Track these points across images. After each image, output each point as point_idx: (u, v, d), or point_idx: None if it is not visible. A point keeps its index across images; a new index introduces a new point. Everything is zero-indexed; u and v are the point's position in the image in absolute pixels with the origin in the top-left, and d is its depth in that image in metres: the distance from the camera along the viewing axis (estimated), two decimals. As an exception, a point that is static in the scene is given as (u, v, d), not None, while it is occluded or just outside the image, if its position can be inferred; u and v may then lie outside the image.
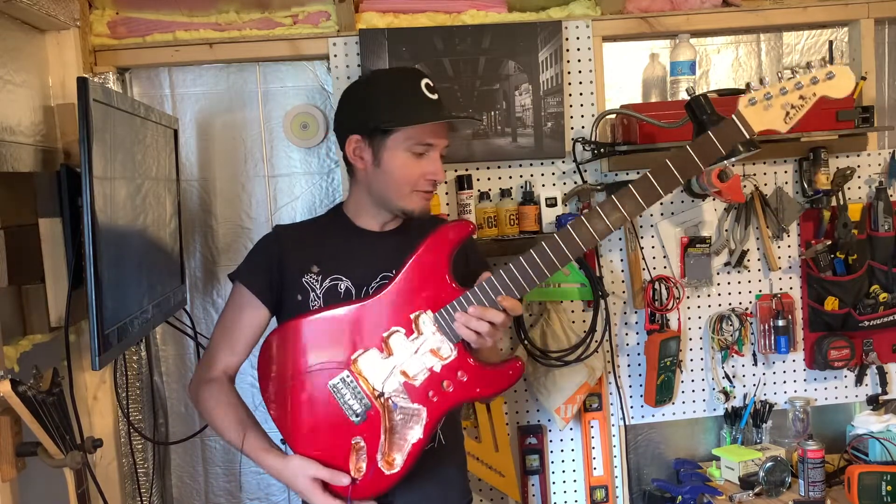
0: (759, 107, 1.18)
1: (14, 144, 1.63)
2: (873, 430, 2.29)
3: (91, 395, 1.98)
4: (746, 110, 1.20)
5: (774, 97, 1.17)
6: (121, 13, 2.20)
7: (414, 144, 1.53)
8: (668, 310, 2.35)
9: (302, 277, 1.59)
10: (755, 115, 1.19)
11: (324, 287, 1.58)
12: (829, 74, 1.15)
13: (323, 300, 1.57)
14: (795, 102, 1.15)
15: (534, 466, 2.36)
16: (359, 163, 1.57)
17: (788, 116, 1.15)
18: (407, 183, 1.55)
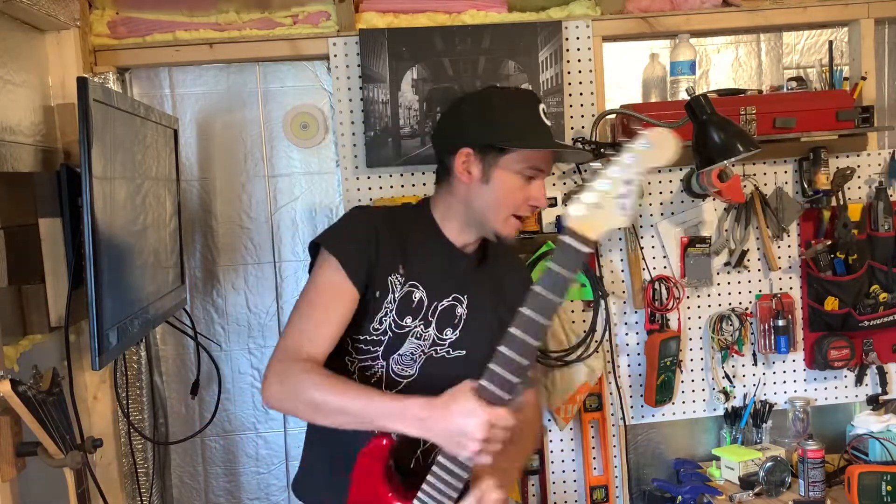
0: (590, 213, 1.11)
1: (14, 144, 1.63)
2: (873, 430, 2.29)
3: (91, 395, 1.98)
4: (576, 223, 1.13)
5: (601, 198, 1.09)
6: (121, 13, 2.20)
7: (527, 168, 1.46)
8: (668, 310, 2.35)
9: (389, 275, 1.48)
10: (587, 223, 1.12)
11: (403, 291, 1.49)
12: (646, 145, 1.05)
13: (397, 305, 1.49)
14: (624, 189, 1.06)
15: (534, 466, 2.35)
16: (465, 176, 1.48)
17: (624, 208, 1.08)
18: (511, 205, 1.48)
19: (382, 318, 1.50)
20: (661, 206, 2.38)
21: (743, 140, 1.91)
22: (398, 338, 1.52)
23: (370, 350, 1.52)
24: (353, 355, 1.53)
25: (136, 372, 2.23)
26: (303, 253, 2.36)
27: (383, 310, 1.50)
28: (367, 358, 1.53)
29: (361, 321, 1.50)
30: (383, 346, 1.52)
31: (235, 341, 2.37)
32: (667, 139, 1.05)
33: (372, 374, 1.53)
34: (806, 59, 2.46)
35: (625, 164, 1.08)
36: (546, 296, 1.20)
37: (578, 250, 1.17)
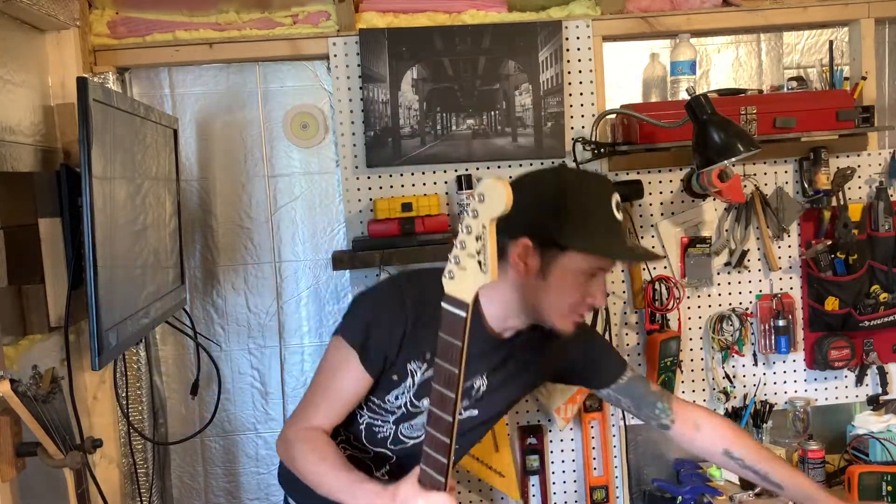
0: (458, 275, 1.12)
1: (14, 144, 1.63)
2: (873, 431, 2.29)
3: (91, 395, 1.98)
4: (450, 287, 1.14)
5: (463, 258, 1.10)
6: (121, 13, 2.20)
7: (590, 267, 1.39)
8: (668, 310, 2.35)
9: (410, 362, 1.46)
10: (458, 285, 1.12)
11: (423, 376, 1.46)
12: (480, 198, 1.06)
13: (416, 389, 1.47)
14: (477, 246, 1.08)
15: (534, 466, 2.35)
16: (520, 267, 1.39)
17: (482, 264, 1.08)
18: (568, 303, 1.41)
19: (399, 396, 1.50)
20: (661, 206, 2.38)
21: (743, 140, 1.91)
22: (412, 414, 1.52)
23: (382, 415, 1.53)
24: (364, 412, 1.54)
25: (136, 372, 2.23)
26: (302, 253, 2.36)
27: (400, 388, 1.49)
28: (378, 419, 1.54)
29: (379, 392, 1.50)
30: (395, 416, 1.53)
31: (235, 341, 2.37)
32: (495, 188, 1.05)
33: (378, 430, 1.55)
34: (806, 59, 2.46)
35: (469, 222, 1.09)
36: (444, 366, 1.17)
37: (458, 315, 1.14)
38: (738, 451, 1.62)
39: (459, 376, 1.16)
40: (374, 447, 1.56)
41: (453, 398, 1.17)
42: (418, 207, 2.19)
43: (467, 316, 1.14)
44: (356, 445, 1.57)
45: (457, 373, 1.16)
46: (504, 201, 1.05)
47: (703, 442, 1.66)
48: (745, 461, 1.61)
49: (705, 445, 1.67)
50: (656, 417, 1.67)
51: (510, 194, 1.05)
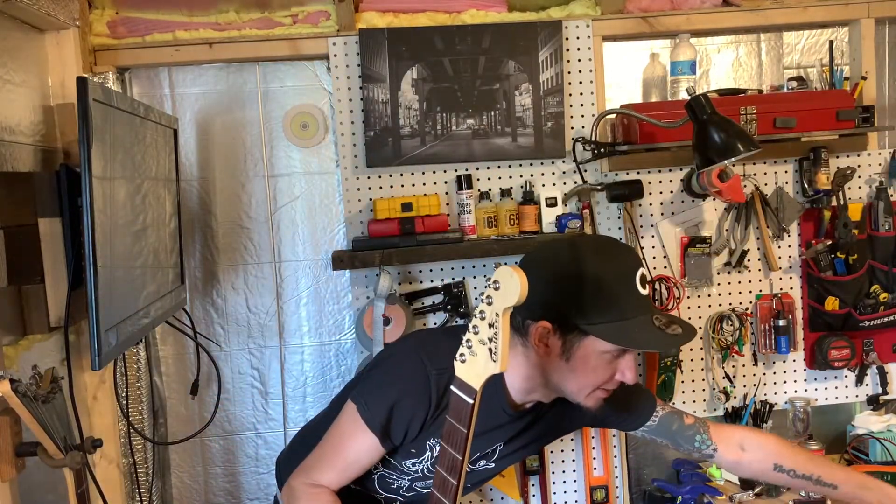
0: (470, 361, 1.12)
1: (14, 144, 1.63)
2: (873, 430, 2.29)
3: (91, 395, 1.98)
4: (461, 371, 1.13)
5: (475, 344, 1.10)
6: (120, 13, 2.20)
7: (615, 349, 1.31)
8: (669, 310, 2.35)
9: (430, 439, 1.44)
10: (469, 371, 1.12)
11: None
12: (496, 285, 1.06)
13: (433, 461, 1.45)
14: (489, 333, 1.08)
15: (534, 466, 2.35)
16: (541, 349, 1.34)
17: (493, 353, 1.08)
18: (594, 383, 1.35)
19: (416, 464, 1.49)
20: (661, 206, 2.38)
21: (743, 140, 1.91)
22: (428, 476, 1.50)
23: (397, 473, 1.53)
24: (379, 466, 1.52)
25: (136, 372, 2.23)
26: (302, 253, 2.36)
27: (418, 459, 1.48)
28: (393, 475, 1.53)
29: (393, 455, 1.48)
30: (410, 477, 1.52)
31: (235, 341, 2.37)
32: (511, 277, 1.05)
33: (392, 482, 1.54)
34: (806, 58, 2.46)
35: (483, 308, 1.09)
36: (448, 450, 1.16)
37: (466, 402, 1.13)
38: (788, 463, 1.60)
39: (462, 462, 1.15)
40: (385, 492, 1.57)
41: (455, 484, 1.15)
42: (418, 207, 2.19)
43: (474, 403, 1.12)
44: (369, 486, 1.57)
45: (460, 459, 1.15)
46: (518, 292, 1.04)
47: (751, 462, 1.64)
48: (797, 471, 1.59)
49: (753, 465, 1.64)
50: (698, 450, 1.63)
51: (525, 285, 1.04)
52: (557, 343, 1.33)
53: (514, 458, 1.59)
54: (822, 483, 1.58)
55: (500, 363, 1.08)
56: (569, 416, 1.56)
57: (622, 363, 1.34)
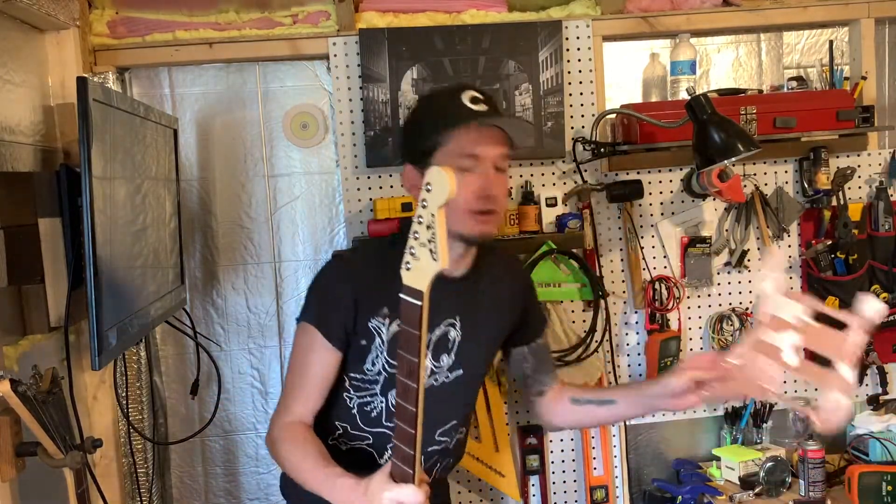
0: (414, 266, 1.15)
1: (14, 144, 1.63)
2: (873, 430, 2.29)
3: (91, 395, 1.98)
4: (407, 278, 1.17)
5: (417, 249, 1.14)
6: (120, 13, 2.20)
7: (458, 158, 1.38)
8: (668, 310, 2.35)
9: (369, 321, 1.48)
10: (414, 275, 1.16)
11: (390, 331, 1.48)
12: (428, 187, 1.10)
13: (387, 346, 1.49)
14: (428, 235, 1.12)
15: (534, 466, 2.35)
16: (415, 192, 1.43)
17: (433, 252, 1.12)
18: (465, 204, 1.39)
19: (374, 360, 1.52)
20: (661, 206, 2.38)
21: (743, 140, 1.91)
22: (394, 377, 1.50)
23: (367, 388, 1.54)
24: (351, 392, 1.56)
25: (136, 372, 2.23)
26: (302, 253, 2.36)
27: (373, 352, 1.51)
28: (366, 395, 1.55)
29: (355, 363, 1.53)
30: (380, 385, 1.53)
31: (235, 341, 2.37)
32: (440, 174, 1.09)
33: (371, 409, 1.55)
34: (806, 58, 2.46)
35: (421, 212, 1.12)
36: (406, 356, 1.19)
37: (415, 304, 1.16)
38: (579, 394, 1.66)
39: (420, 366, 1.17)
40: (371, 428, 1.56)
41: (416, 388, 1.18)
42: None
43: (423, 304, 1.15)
44: (355, 434, 1.57)
45: (417, 362, 1.17)
46: (448, 187, 1.08)
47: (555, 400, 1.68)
48: (585, 397, 1.64)
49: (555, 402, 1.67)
50: (543, 384, 1.69)
51: (454, 180, 1.08)
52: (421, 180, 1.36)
53: (473, 352, 1.56)
54: (603, 402, 1.60)
55: (441, 260, 1.11)
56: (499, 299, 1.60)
57: (474, 178, 1.40)
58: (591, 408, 1.62)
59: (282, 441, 1.49)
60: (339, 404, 1.56)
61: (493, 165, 1.42)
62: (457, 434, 1.62)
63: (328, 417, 1.57)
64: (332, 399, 1.56)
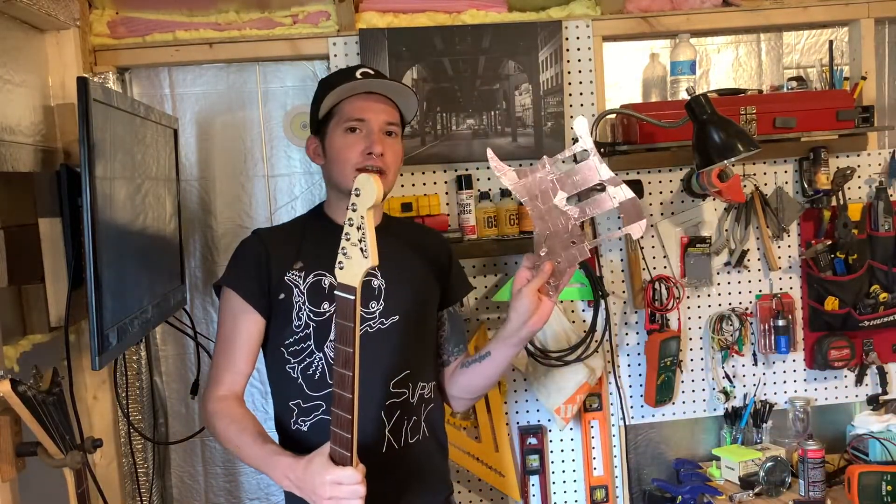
0: (346, 264, 1.25)
1: (14, 144, 1.63)
2: (873, 430, 2.29)
3: (91, 395, 1.98)
4: (341, 276, 1.26)
5: (349, 248, 1.25)
6: (121, 13, 2.20)
7: (344, 121, 1.55)
8: (668, 310, 2.35)
9: (285, 275, 1.57)
10: (347, 273, 1.26)
11: (307, 283, 1.57)
12: (357, 192, 1.23)
13: (307, 296, 1.56)
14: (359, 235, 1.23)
15: (534, 466, 2.35)
16: (318, 160, 1.63)
17: (363, 251, 1.23)
18: (346, 162, 1.55)
19: (299, 314, 1.57)
20: (661, 206, 2.38)
21: (743, 140, 1.91)
22: (322, 325, 1.57)
23: (303, 347, 1.58)
24: (292, 361, 1.59)
25: (136, 372, 2.23)
26: (303, 253, 2.36)
27: (295, 305, 1.56)
28: (304, 356, 1.58)
29: (284, 327, 1.58)
30: (313, 339, 1.57)
31: (235, 341, 2.36)
32: (368, 181, 1.22)
33: (313, 370, 1.58)
34: (806, 58, 2.46)
35: (351, 215, 1.24)
36: (342, 348, 1.28)
37: (347, 299, 1.26)
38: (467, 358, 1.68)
39: (355, 354, 1.26)
40: (320, 392, 1.57)
41: (351, 375, 1.27)
42: (418, 207, 2.19)
43: (356, 299, 1.25)
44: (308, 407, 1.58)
45: (352, 352, 1.26)
46: (376, 192, 1.21)
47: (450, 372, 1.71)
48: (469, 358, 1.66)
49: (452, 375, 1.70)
50: (452, 354, 1.73)
51: (380, 186, 1.22)
52: (319, 146, 1.62)
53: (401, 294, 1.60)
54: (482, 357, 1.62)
55: (371, 257, 1.22)
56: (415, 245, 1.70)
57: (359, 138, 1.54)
58: (475, 366, 1.65)
59: (217, 416, 1.54)
60: (286, 381, 1.59)
61: (381, 130, 1.57)
62: (417, 389, 1.62)
63: (283, 402, 1.61)
64: (279, 380, 1.61)
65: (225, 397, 1.56)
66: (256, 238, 1.64)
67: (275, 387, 1.64)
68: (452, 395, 1.73)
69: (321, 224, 1.65)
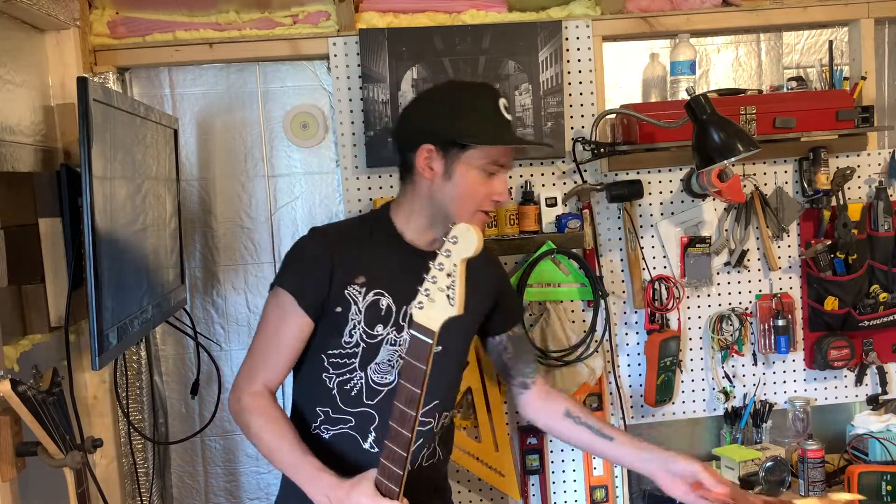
0: (427, 306, 1.24)
1: (14, 144, 1.63)
2: (873, 430, 2.29)
3: (91, 395, 1.98)
4: (418, 316, 1.25)
5: (433, 291, 1.23)
6: (121, 13, 2.20)
7: (489, 163, 1.48)
8: (668, 310, 2.35)
9: (345, 288, 1.51)
10: (426, 315, 1.24)
11: (366, 301, 1.52)
12: (454, 240, 1.20)
13: (364, 316, 1.52)
14: (448, 282, 1.21)
15: (534, 466, 2.35)
16: (427, 172, 1.50)
17: (450, 298, 1.21)
18: (474, 201, 1.49)
19: (352, 331, 1.53)
20: (661, 206, 2.38)
21: (743, 140, 1.91)
22: (372, 347, 1.53)
23: (346, 363, 1.54)
24: (331, 371, 1.56)
25: (136, 372, 2.23)
26: (303, 253, 2.36)
27: (350, 322, 1.52)
28: (345, 371, 1.55)
29: (332, 337, 1.54)
30: (359, 358, 1.54)
31: (235, 341, 2.37)
32: (469, 232, 1.19)
33: (351, 386, 1.55)
34: (806, 58, 2.46)
35: (442, 260, 1.21)
36: (407, 386, 1.27)
37: (424, 342, 1.25)
38: (576, 411, 1.68)
39: (420, 396, 1.25)
40: (353, 408, 1.56)
41: (413, 415, 1.26)
42: (418, 207, 2.19)
43: (432, 343, 1.25)
44: (337, 418, 1.57)
45: (418, 393, 1.26)
46: (475, 244, 1.19)
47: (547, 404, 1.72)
48: (582, 418, 1.67)
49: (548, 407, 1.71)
50: (525, 375, 1.72)
51: (481, 239, 1.20)
52: (440, 163, 1.49)
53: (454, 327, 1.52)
54: (602, 434, 1.63)
55: (458, 307, 1.22)
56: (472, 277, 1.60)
57: (496, 183, 1.50)
58: (586, 433, 1.65)
59: (252, 412, 1.50)
60: (318, 387, 1.56)
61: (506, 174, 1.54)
62: (441, 418, 1.62)
63: (308, 404, 1.59)
64: (310, 384, 1.58)
65: (260, 394, 1.53)
66: (321, 242, 1.56)
67: (302, 387, 1.61)
68: (534, 423, 1.75)
69: (388, 237, 1.57)
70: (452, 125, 1.48)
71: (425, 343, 1.24)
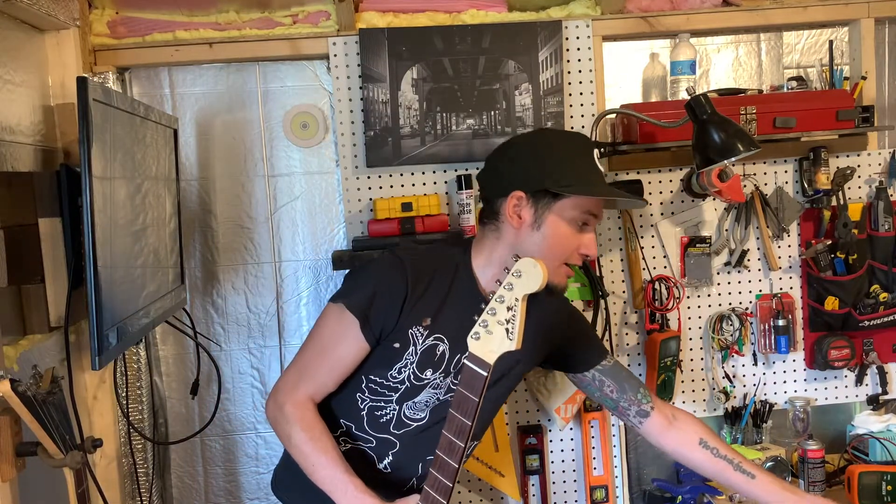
0: (484, 338, 1.22)
1: (14, 144, 1.63)
2: (873, 430, 2.29)
3: (91, 395, 1.98)
4: (474, 347, 1.23)
5: (491, 324, 1.21)
6: (120, 13, 2.20)
7: (581, 214, 1.45)
8: (668, 310, 2.35)
9: (410, 328, 1.47)
10: (483, 347, 1.22)
11: (425, 344, 1.49)
12: (518, 274, 1.18)
13: (419, 358, 1.49)
14: (507, 315, 1.20)
15: (534, 466, 2.35)
16: (514, 220, 1.46)
17: (509, 332, 1.20)
18: (562, 253, 1.46)
19: (402, 369, 1.50)
20: (661, 206, 2.38)
21: (743, 140, 1.91)
22: (415, 388, 1.52)
23: (385, 394, 1.53)
24: (366, 394, 1.54)
25: (136, 372, 2.23)
26: (302, 253, 2.36)
27: (403, 361, 1.50)
28: (380, 400, 1.54)
29: (380, 367, 1.51)
30: (399, 393, 1.52)
31: (235, 341, 2.37)
32: (534, 267, 1.18)
33: (382, 414, 1.54)
34: (806, 58, 2.46)
35: (503, 293, 1.20)
36: (457, 416, 1.27)
37: (479, 374, 1.24)
38: (713, 442, 1.66)
39: (470, 428, 1.24)
40: (377, 433, 1.55)
41: (462, 446, 1.25)
42: (418, 207, 2.19)
43: (487, 376, 1.23)
44: (358, 435, 1.56)
45: (469, 424, 1.25)
46: (540, 281, 1.17)
47: (679, 432, 1.68)
48: (720, 450, 1.64)
49: (680, 436, 1.68)
50: (637, 402, 1.68)
51: (546, 275, 1.18)
52: (530, 212, 1.45)
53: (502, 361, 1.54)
54: (742, 470, 1.60)
55: (517, 341, 1.20)
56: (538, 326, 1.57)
57: (585, 237, 1.47)
58: (726, 467, 1.62)
59: (296, 423, 1.46)
60: (348, 403, 1.55)
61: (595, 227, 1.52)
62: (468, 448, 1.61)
63: (333, 413, 1.57)
64: (341, 396, 1.55)
65: (304, 405, 1.49)
66: (400, 272, 1.48)
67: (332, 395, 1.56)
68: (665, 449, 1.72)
69: (463, 283, 1.52)
70: (547, 174, 1.43)
71: (480, 375, 1.23)
